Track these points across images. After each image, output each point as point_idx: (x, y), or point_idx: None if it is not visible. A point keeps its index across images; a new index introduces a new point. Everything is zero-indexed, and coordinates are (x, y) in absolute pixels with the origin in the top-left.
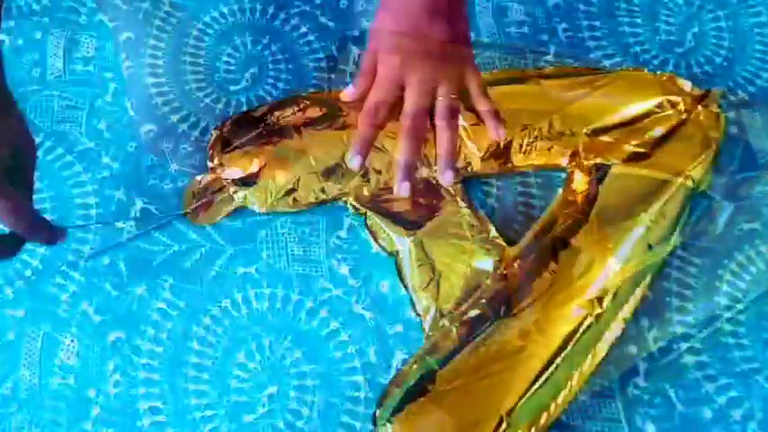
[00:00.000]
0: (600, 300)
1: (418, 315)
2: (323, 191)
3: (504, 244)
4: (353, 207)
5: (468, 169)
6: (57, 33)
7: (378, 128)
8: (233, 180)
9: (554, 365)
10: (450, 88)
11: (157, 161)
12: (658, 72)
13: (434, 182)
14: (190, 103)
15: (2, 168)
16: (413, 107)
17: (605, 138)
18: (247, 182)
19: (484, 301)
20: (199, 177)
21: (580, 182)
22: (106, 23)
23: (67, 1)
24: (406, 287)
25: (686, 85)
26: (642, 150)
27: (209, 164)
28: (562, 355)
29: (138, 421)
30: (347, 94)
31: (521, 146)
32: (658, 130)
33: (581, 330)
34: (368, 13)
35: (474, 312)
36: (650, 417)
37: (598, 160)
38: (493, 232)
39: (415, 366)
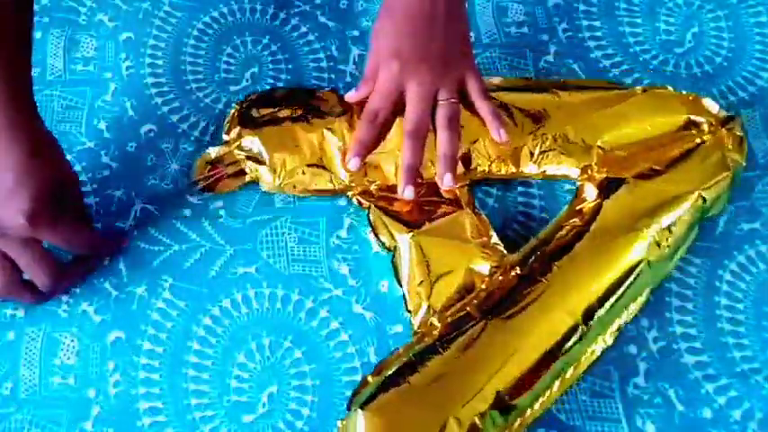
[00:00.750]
0: (591, 312)
1: (409, 311)
2: (330, 180)
3: (504, 251)
4: (358, 201)
5: (477, 171)
6: (56, 33)
7: (377, 131)
8: (246, 156)
9: (538, 373)
10: (450, 91)
11: (157, 161)
12: (684, 92)
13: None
14: (190, 103)
15: (53, 202)
16: (414, 111)
17: (620, 152)
18: (258, 160)
19: (476, 302)
20: (211, 149)
21: (590, 194)
22: (106, 23)
23: (67, 1)
24: (400, 283)
25: (713, 107)
26: (656, 167)
27: (225, 137)
28: (549, 365)
29: (137, 421)
30: (350, 96)
31: (532, 153)
32: (677, 150)
33: (570, 341)
34: (368, 13)
35: (463, 313)
36: (650, 417)
37: (610, 174)
38: (494, 238)
39: (396, 359)
